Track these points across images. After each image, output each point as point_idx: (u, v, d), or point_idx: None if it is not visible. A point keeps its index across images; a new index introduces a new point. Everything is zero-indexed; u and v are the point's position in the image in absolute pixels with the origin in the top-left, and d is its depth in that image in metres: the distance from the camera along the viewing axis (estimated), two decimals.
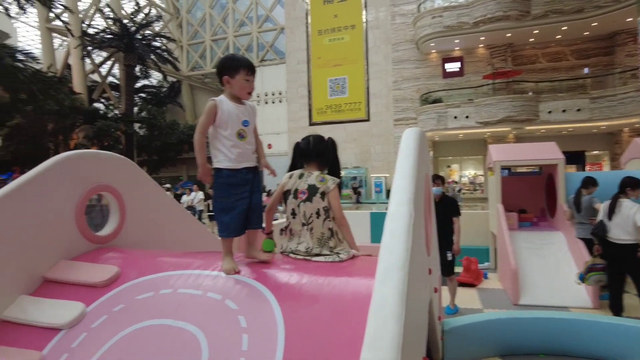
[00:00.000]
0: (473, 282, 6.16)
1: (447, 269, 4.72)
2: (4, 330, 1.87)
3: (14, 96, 19.02)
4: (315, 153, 2.29)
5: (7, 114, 22.11)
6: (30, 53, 20.01)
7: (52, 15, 23.59)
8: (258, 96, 27.98)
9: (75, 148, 23.51)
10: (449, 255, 4.78)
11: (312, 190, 2.16)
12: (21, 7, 19.25)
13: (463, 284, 6.00)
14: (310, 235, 2.10)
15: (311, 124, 24.29)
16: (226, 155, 2.01)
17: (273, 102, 27.91)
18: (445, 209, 4.73)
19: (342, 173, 2.43)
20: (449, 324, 3.52)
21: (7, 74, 17.13)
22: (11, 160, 22.50)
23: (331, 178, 2.21)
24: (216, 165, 2.03)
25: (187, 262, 2.07)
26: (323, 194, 2.14)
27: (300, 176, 2.24)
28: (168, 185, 19.18)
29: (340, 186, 2.25)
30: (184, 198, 14.76)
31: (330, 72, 23.79)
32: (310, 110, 24.48)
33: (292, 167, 2.36)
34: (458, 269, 5.81)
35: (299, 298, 1.71)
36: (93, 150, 2.59)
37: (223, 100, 2.04)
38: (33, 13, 25.60)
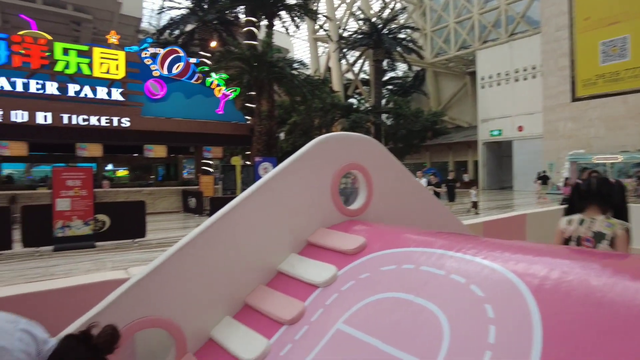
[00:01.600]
0: None
1: None
2: (280, 279, 2.28)
3: (292, 99, 23.44)
4: (599, 195, 2.12)
5: (287, 114, 27.53)
6: (302, 62, 24.16)
7: (317, 27, 27.82)
8: (507, 74, 25.52)
9: None
10: None
11: (598, 237, 2.02)
12: (297, 26, 23.51)
13: None
14: None
15: (574, 99, 20.51)
16: None
17: (525, 79, 24.92)
18: None
19: (620, 157, 2.10)
20: None
21: (288, 82, 21.23)
22: (291, 151, 27.96)
23: (619, 222, 2.03)
24: None
25: (430, 240, 2.01)
26: (612, 240, 1.98)
27: (581, 222, 2.12)
28: None
29: (629, 231, 2.02)
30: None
31: (602, 33, 19.40)
32: (573, 84, 20.64)
33: (570, 210, 2.29)
34: None
35: (563, 295, 1.40)
36: (346, 133, 2.84)
37: None
38: (303, 29, 30.78)
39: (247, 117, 21.96)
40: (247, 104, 22.76)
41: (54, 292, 1.60)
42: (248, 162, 20.35)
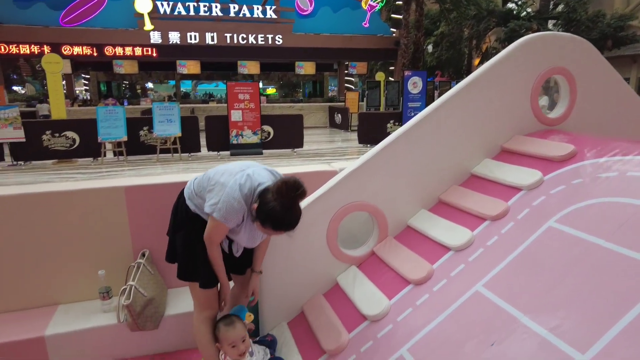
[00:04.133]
0: None
1: None
2: (473, 181, 2.38)
3: (442, 6, 21.45)
4: None
5: (433, 24, 25.46)
6: None
7: None
8: None
9: (487, 52, 24.54)
10: None
11: None
12: None
13: None
14: None
15: None
16: None
17: None
18: None
19: None
20: None
21: None
22: (436, 65, 26.30)
23: None
24: None
25: None
26: None
27: None
28: None
29: None
30: None
31: None
32: None
33: None
34: None
35: None
36: (556, 33, 2.61)
37: None
38: None
39: (392, 30, 21.04)
40: (393, 15, 21.66)
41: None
42: (391, 78, 19.94)
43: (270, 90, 31.50)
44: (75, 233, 2.31)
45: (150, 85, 29.84)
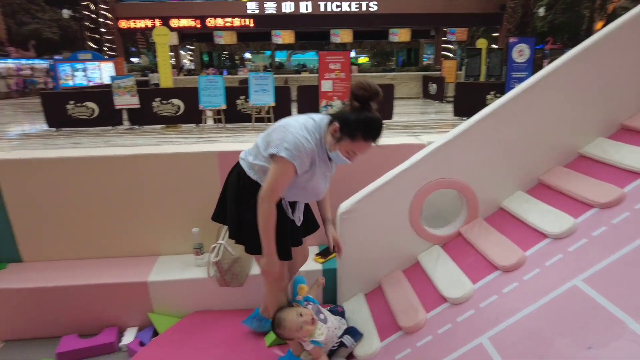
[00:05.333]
0: None
1: None
2: (582, 163, 2.10)
3: None
4: None
5: None
6: None
7: None
8: None
9: (613, 13, 21.24)
10: None
11: None
12: None
13: None
14: None
15: None
16: None
17: None
18: None
19: None
20: None
21: None
22: (547, 32, 23.53)
23: None
24: None
25: None
26: None
27: None
28: None
29: None
30: None
31: None
32: None
33: None
34: None
35: None
36: None
37: None
38: None
39: None
40: None
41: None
42: (494, 46, 18.32)
43: (362, 59, 30.96)
44: (174, 193, 2.53)
45: (247, 55, 31.16)
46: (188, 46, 26.10)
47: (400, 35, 19.54)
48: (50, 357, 2.21)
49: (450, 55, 21.84)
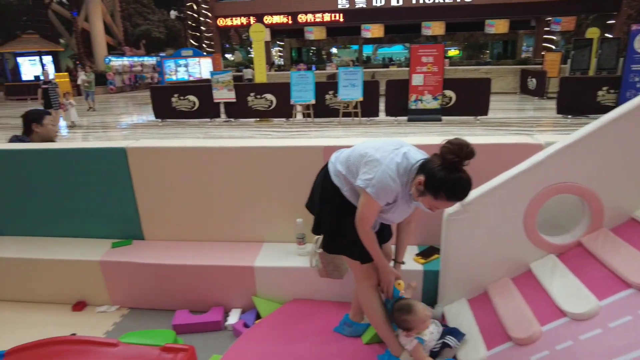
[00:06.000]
0: None
1: None
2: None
3: None
4: None
5: None
6: None
7: None
8: None
9: None
10: None
11: None
12: None
13: None
14: None
15: None
16: None
17: None
18: None
19: None
20: None
21: None
22: None
23: None
24: None
25: None
26: None
27: None
28: None
29: None
30: None
31: None
32: None
33: None
34: None
35: None
36: None
37: None
38: None
39: None
40: None
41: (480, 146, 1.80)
42: (608, 35, 16.41)
43: (453, 52, 29.67)
44: (280, 184, 2.65)
45: (334, 50, 31.45)
46: (278, 42, 27.06)
47: (498, 26, 18.29)
48: (167, 328, 2.45)
49: (553, 47, 19.98)
